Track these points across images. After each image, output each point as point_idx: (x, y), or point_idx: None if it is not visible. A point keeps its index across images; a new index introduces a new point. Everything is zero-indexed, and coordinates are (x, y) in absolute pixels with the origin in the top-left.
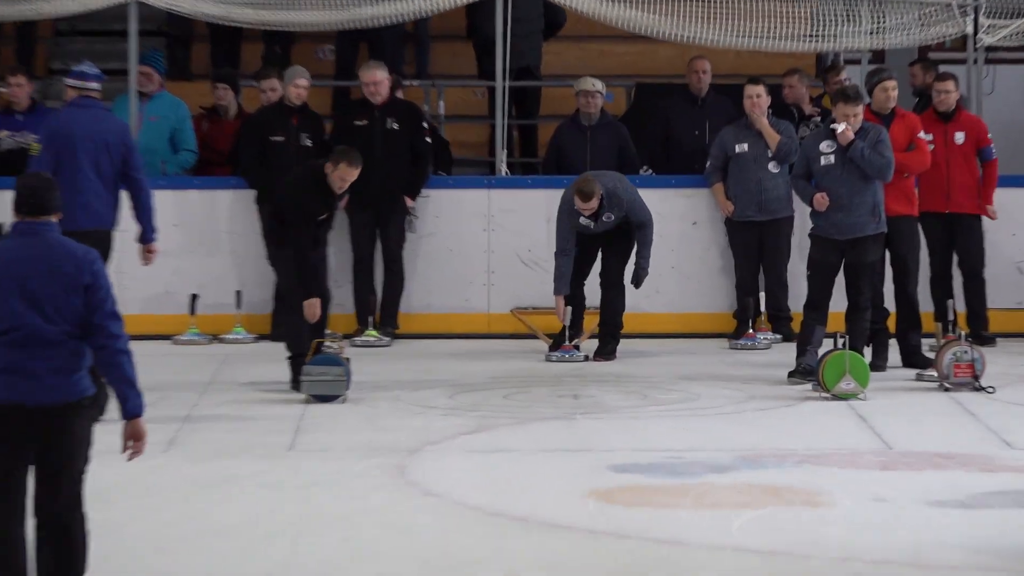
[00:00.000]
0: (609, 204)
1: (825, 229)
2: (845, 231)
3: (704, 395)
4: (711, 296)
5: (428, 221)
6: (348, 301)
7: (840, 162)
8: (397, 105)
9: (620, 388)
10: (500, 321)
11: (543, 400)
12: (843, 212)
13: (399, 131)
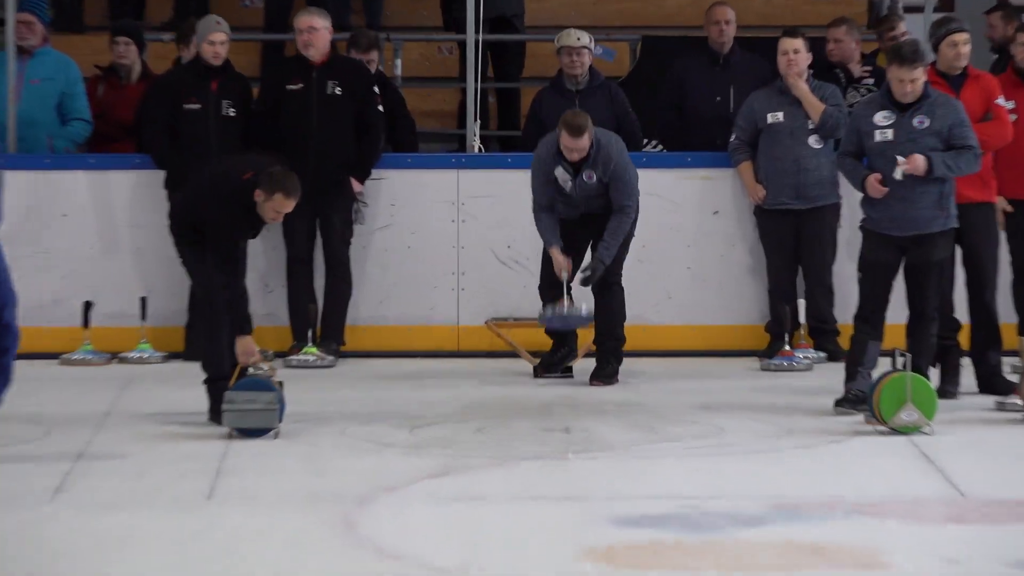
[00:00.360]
0: (595, 160)
1: (880, 223)
2: (905, 226)
3: (729, 429)
4: (737, 304)
5: (381, 210)
6: (281, 310)
7: (901, 137)
8: (340, 65)
9: (623, 420)
10: (473, 335)
11: (527, 435)
12: (904, 202)
13: (342, 97)
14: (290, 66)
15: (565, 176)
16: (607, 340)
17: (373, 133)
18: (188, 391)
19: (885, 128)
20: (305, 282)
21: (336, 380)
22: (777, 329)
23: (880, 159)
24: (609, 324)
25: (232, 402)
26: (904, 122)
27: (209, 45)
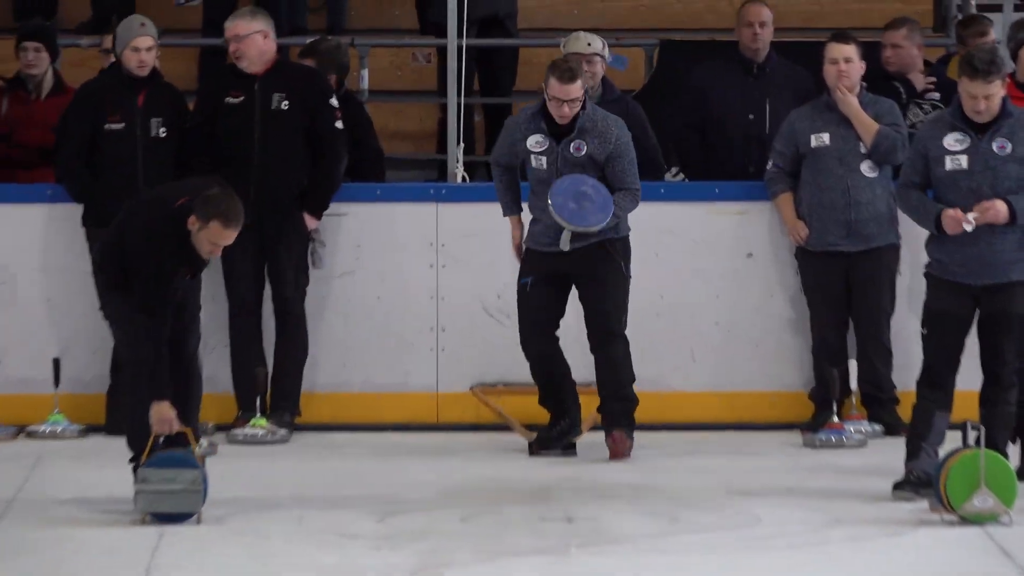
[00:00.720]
0: (587, 127)
1: (950, 268)
2: (980, 272)
3: (767, 518)
4: (775, 366)
5: (345, 252)
6: (223, 373)
7: (978, 164)
8: (288, 73)
9: (637, 506)
10: (455, 404)
11: (521, 525)
12: (979, 243)
13: (289, 112)
14: (229, 75)
15: (540, 143)
16: (614, 403)
17: (330, 156)
18: (110, 471)
19: (958, 154)
20: (252, 339)
21: (290, 457)
22: (823, 396)
23: (952, 191)
24: (614, 384)
25: (146, 481)
26: (981, 146)
27: (132, 52)
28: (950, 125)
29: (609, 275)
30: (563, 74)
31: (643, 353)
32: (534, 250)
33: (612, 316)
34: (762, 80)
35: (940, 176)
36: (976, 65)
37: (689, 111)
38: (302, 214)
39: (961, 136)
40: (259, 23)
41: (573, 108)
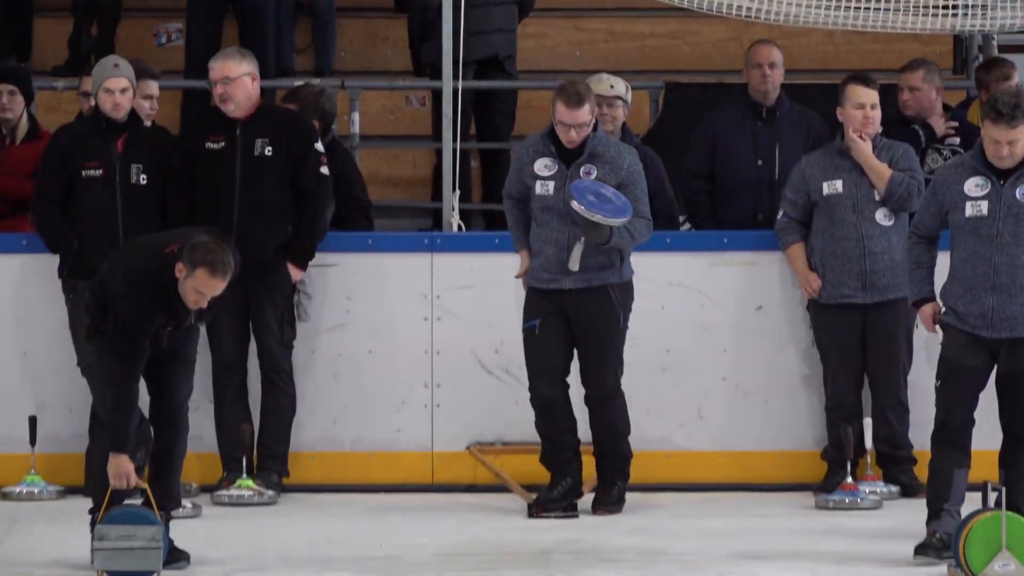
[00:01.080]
0: (597, 152)
1: (966, 319)
2: (999, 325)
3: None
4: (786, 424)
5: (335, 304)
6: (207, 432)
7: (999, 211)
8: (271, 117)
9: (642, 571)
10: (450, 464)
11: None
12: (999, 293)
13: (273, 158)
14: (210, 118)
15: (548, 167)
16: (610, 461)
17: (314, 204)
18: (89, 534)
19: (978, 199)
20: (237, 396)
21: (277, 520)
22: (837, 456)
23: (971, 238)
24: (609, 441)
25: (104, 539)
26: (1003, 193)
27: (106, 94)
28: (971, 169)
29: (606, 326)
30: (570, 98)
31: (648, 410)
32: (536, 289)
33: (609, 373)
34: (772, 125)
35: (958, 222)
36: (1000, 109)
37: (696, 158)
38: (285, 265)
39: (982, 181)
40: (248, 64)
41: (581, 133)
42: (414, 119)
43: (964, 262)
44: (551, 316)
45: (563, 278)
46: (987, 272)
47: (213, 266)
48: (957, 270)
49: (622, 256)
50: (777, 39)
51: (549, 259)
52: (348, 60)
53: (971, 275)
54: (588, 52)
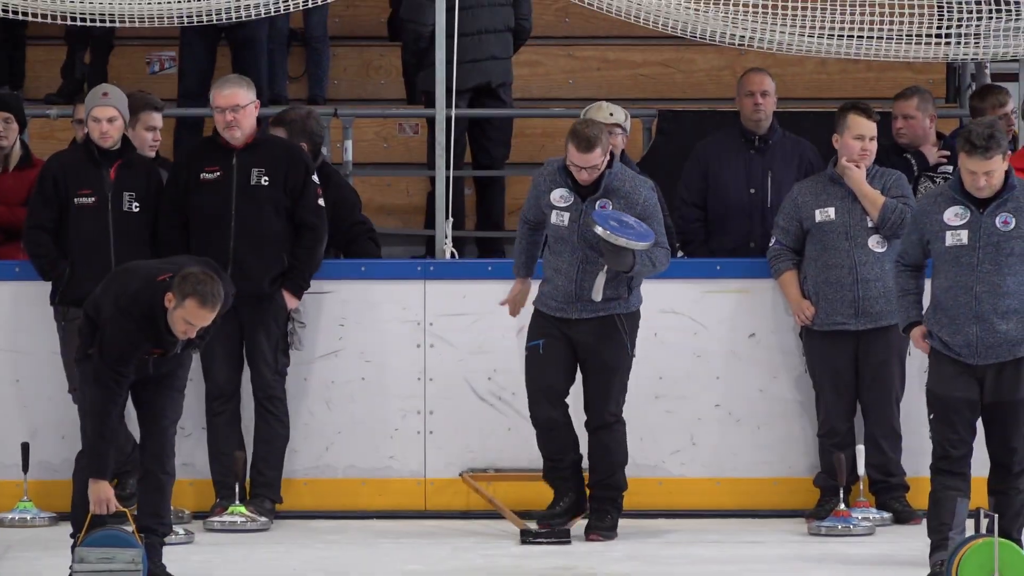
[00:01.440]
0: (617, 186)
1: (951, 347)
2: (984, 353)
3: None
4: (778, 451)
5: (328, 331)
6: (200, 459)
7: (979, 240)
8: (268, 147)
9: None
10: (443, 491)
11: None
12: (982, 322)
13: (269, 188)
14: (206, 149)
15: (565, 198)
16: (604, 490)
17: (311, 234)
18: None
19: (958, 228)
20: (230, 423)
21: (270, 547)
22: (830, 483)
23: (953, 267)
24: (605, 469)
25: (84, 561)
26: (983, 221)
27: (94, 122)
28: (950, 199)
29: (613, 356)
30: (581, 143)
31: (641, 437)
32: (542, 313)
33: (612, 400)
34: (764, 153)
35: (939, 252)
36: (975, 141)
37: (689, 186)
38: (281, 293)
39: (962, 210)
40: (253, 93)
41: (593, 174)
42: (407, 147)
43: (946, 291)
44: (556, 339)
45: (570, 308)
46: (969, 302)
47: (203, 297)
48: (940, 300)
49: (630, 287)
50: (770, 67)
51: (558, 288)
52: (341, 88)
53: (953, 305)
54: (581, 80)
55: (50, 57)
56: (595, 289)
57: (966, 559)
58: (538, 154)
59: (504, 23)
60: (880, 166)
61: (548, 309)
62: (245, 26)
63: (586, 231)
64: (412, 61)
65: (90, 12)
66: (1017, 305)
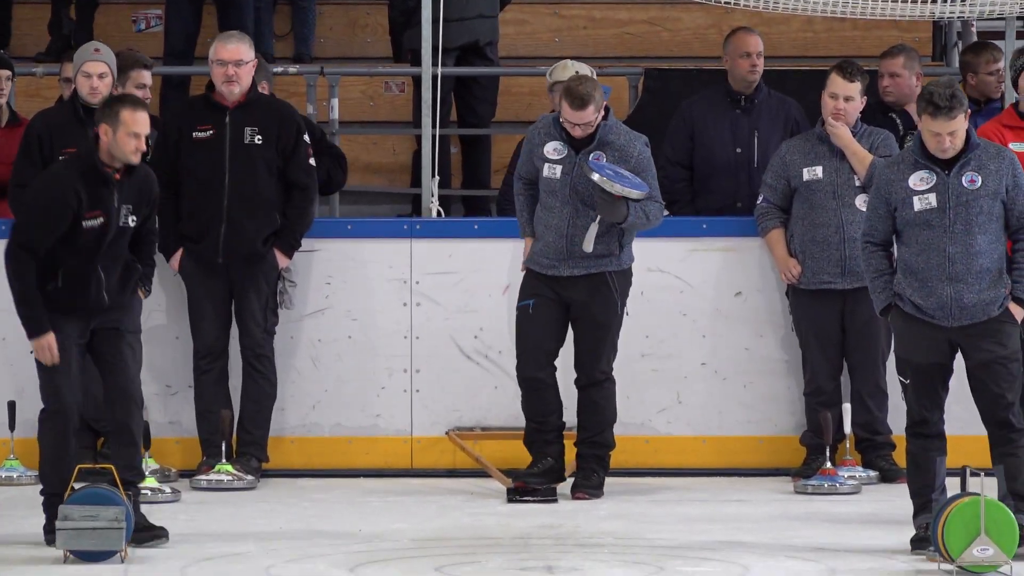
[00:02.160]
0: (612, 139)
1: (924, 309)
2: (958, 314)
3: (756, 567)
4: (765, 410)
5: (315, 290)
6: (187, 417)
7: (948, 201)
8: (261, 106)
9: (621, 556)
10: (430, 449)
11: (499, 575)
12: (955, 283)
13: (263, 147)
14: (197, 107)
15: (559, 151)
16: (592, 447)
17: (302, 193)
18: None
19: (925, 192)
20: (217, 382)
21: (257, 505)
22: (816, 441)
23: (924, 231)
24: (593, 427)
25: (67, 519)
26: (950, 183)
27: (84, 77)
28: (914, 164)
29: (604, 313)
30: (575, 101)
31: (627, 396)
32: (534, 272)
33: (603, 358)
34: (750, 112)
35: (909, 218)
36: (937, 103)
37: (674, 145)
38: (272, 252)
39: (927, 174)
40: (252, 50)
41: (586, 130)
42: (393, 105)
43: (917, 255)
44: (547, 299)
45: (562, 265)
46: (942, 263)
47: (131, 102)
48: (910, 263)
49: (621, 244)
50: (757, 26)
51: (549, 245)
52: (328, 47)
53: (925, 267)
54: (568, 39)
55: (36, 15)
56: (587, 239)
57: (952, 517)
58: (524, 112)
59: None
60: (867, 124)
61: (540, 267)
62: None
63: (578, 183)
64: (399, 19)
65: None
66: (989, 264)
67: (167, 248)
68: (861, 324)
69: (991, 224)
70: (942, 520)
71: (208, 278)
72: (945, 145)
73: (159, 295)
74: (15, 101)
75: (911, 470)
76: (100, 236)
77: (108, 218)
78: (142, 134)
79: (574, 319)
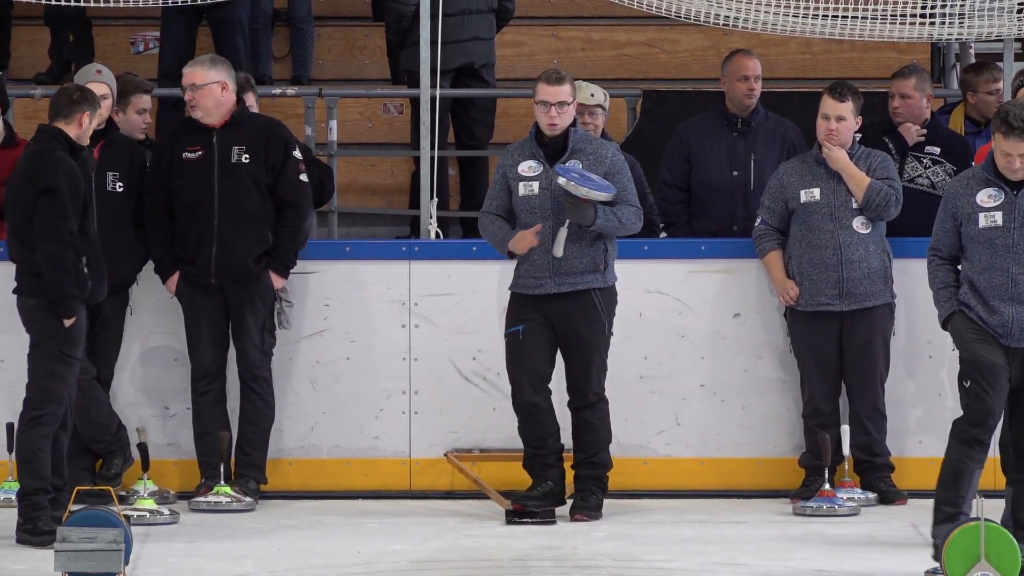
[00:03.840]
0: (583, 145)
1: (990, 325)
2: (1019, 335)
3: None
4: (763, 431)
5: (313, 312)
6: (185, 439)
7: (1014, 221)
8: (248, 124)
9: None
10: (428, 470)
11: None
12: (1017, 304)
13: (250, 165)
14: (186, 128)
15: (533, 168)
16: (589, 468)
17: (293, 211)
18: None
19: (992, 210)
20: (215, 403)
21: (255, 527)
22: (814, 463)
23: (987, 249)
24: (589, 448)
25: (66, 540)
26: (1017, 203)
27: None
28: (983, 181)
29: (591, 334)
30: (551, 76)
31: (626, 417)
32: (520, 295)
33: (594, 379)
34: (747, 135)
35: (973, 234)
36: (1012, 123)
37: (671, 168)
38: (267, 273)
39: (995, 192)
40: (217, 73)
41: (562, 113)
42: (392, 127)
43: (980, 273)
44: (536, 323)
45: (548, 282)
46: (1005, 283)
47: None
48: (974, 281)
49: (606, 260)
50: (754, 47)
51: (534, 264)
52: (326, 68)
53: (988, 286)
54: (566, 60)
55: (34, 37)
56: (556, 243)
57: (954, 541)
58: (522, 134)
59: (487, 4)
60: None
61: (526, 288)
62: (224, 6)
63: (558, 195)
64: (395, 40)
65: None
66: None
67: (163, 270)
68: (859, 346)
69: None
70: (946, 543)
71: (204, 300)
72: (1016, 165)
73: (157, 317)
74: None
75: (948, 476)
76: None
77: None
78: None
79: (562, 342)
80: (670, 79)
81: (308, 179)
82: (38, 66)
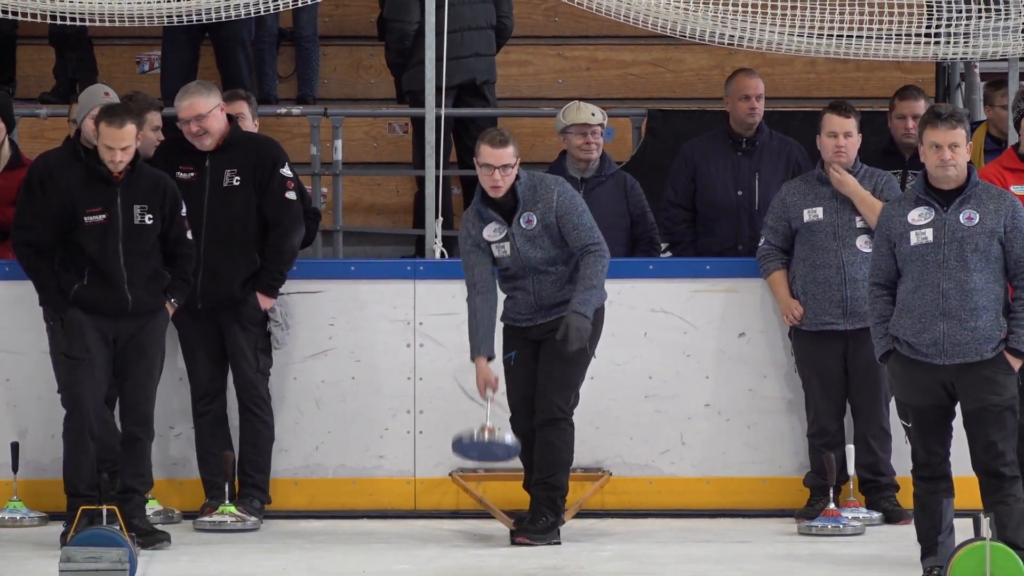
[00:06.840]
0: (529, 198)
1: (917, 348)
2: (951, 351)
3: None
4: (768, 451)
5: (318, 331)
6: (189, 459)
7: (944, 237)
8: (240, 146)
9: None
10: (433, 490)
11: None
12: (949, 319)
13: (240, 188)
14: (180, 148)
15: (498, 230)
16: (543, 489)
17: (280, 230)
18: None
19: (923, 227)
20: (216, 424)
21: (260, 546)
22: (819, 482)
23: (919, 267)
24: (546, 468)
25: (70, 560)
26: (947, 219)
27: (92, 120)
28: (914, 200)
29: (570, 355)
30: (494, 139)
31: (631, 437)
32: (511, 326)
33: (561, 395)
34: (751, 154)
35: (906, 253)
36: (939, 111)
37: (676, 187)
38: (254, 295)
39: (926, 210)
40: (216, 97)
41: (504, 174)
42: (396, 146)
43: (913, 292)
44: (525, 351)
45: (536, 315)
46: (936, 299)
47: (110, 118)
48: (906, 301)
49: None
50: (759, 67)
51: (519, 303)
52: (331, 88)
53: (920, 304)
54: (571, 80)
55: (39, 56)
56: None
57: (958, 562)
58: (528, 154)
59: (486, 20)
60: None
61: (516, 321)
62: (227, 25)
63: (523, 247)
64: (397, 61)
65: (79, 11)
66: (984, 303)
67: None
68: (864, 365)
69: (987, 263)
70: (951, 563)
71: (197, 322)
72: (946, 157)
73: None
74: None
75: (918, 513)
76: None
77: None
78: (115, 148)
79: (541, 352)
80: (675, 98)
81: (296, 197)
82: (43, 85)
